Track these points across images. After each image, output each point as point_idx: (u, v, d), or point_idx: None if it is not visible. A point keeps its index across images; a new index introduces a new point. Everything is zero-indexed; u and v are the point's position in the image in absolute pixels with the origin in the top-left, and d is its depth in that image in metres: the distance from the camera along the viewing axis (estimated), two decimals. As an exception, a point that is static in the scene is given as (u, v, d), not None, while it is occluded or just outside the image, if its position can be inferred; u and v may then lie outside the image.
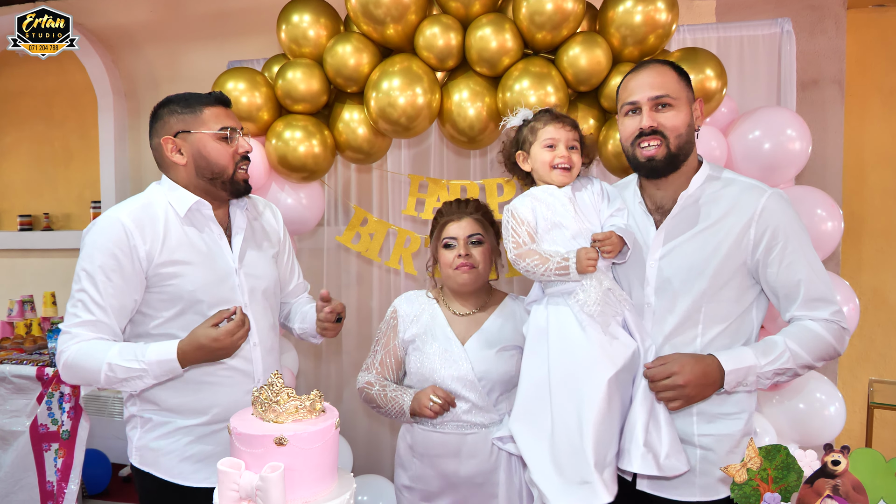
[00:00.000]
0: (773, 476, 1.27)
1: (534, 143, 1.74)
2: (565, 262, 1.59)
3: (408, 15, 2.50)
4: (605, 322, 1.59)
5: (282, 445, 1.31)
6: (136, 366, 1.66)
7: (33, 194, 4.56)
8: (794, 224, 1.59)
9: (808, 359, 1.57)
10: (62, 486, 2.94)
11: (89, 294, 1.70)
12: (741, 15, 3.11)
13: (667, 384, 1.54)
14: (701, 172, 1.66)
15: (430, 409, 1.89)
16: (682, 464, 1.56)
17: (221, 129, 1.78)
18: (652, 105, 1.62)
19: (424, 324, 2.02)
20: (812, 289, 1.57)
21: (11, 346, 3.44)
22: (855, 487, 1.24)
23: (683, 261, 1.63)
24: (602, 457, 1.53)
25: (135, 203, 1.79)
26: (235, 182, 1.81)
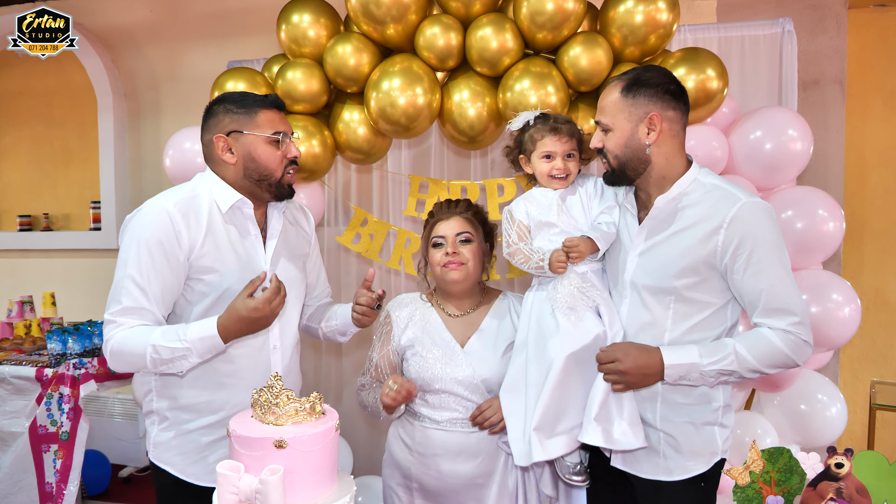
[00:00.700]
0: (776, 479, 1.27)
1: (533, 151, 1.88)
2: (541, 262, 1.78)
3: (408, 15, 2.49)
4: (573, 312, 1.75)
5: (281, 448, 1.30)
6: (179, 345, 1.65)
7: (33, 194, 4.55)
8: (766, 234, 1.62)
9: (755, 364, 1.62)
10: (61, 487, 2.94)
11: (134, 281, 1.70)
12: (742, 15, 3.11)
13: (609, 368, 1.68)
14: (686, 177, 1.70)
15: (386, 395, 1.86)
16: (638, 440, 1.68)
17: (274, 133, 1.77)
18: (599, 127, 1.75)
19: (420, 328, 2.01)
20: (774, 298, 1.61)
21: (11, 347, 3.44)
22: (858, 490, 1.23)
23: (658, 259, 1.71)
24: (548, 423, 1.71)
25: (180, 193, 1.79)
26: (281, 186, 1.81)
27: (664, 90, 1.67)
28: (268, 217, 1.88)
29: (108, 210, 4.15)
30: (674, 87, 1.69)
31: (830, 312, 2.45)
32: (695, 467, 1.69)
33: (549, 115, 1.91)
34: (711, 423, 1.71)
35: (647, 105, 1.67)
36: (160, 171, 3.96)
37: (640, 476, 1.75)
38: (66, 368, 2.99)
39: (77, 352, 3.08)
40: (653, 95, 1.67)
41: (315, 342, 3.38)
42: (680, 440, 1.71)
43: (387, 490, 2.08)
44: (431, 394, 1.94)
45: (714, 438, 1.71)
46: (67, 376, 2.97)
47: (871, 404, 3.20)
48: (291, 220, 1.97)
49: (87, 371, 3.02)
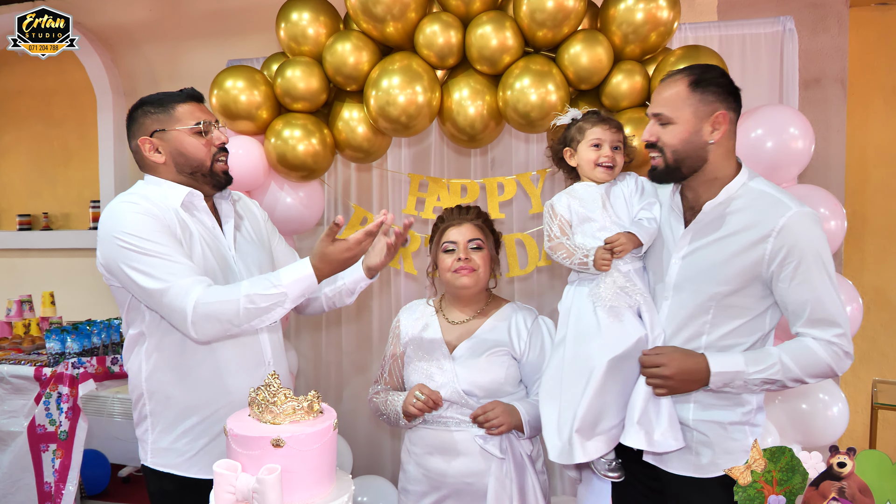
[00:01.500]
0: (778, 478, 1.26)
1: (581, 141, 1.89)
2: (585, 258, 1.77)
3: (408, 13, 2.48)
4: (614, 312, 1.74)
5: (279, 447, 1.29)
6: (274, 291, 1.64)
7: (32, 194, 4.55)
8: (814, 245, 1.61)
9: (799, 374, 1.63)
10: (60, 486, 2.93)
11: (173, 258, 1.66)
12: (743, 13, 3.09)
13: (654, 372, 1.68)
14: (735, 182, 1.70)
15: (413, 405, 1.94)
16: (677, 442, 1.69)
17: (196, 123, 1.79)
18: (655, 119, 1.72)
19: (419, 333, 2.07)
20: (818, 309, 1.61)
21: (9, 346, 3.43)
22: (861, 490, 1.22)
23: (701, 263, 1.71)
24: (589, 425, 1.72)
25: (134, 195, 1.77)
26: (215, 174, 1.83)
27: (728, 90, 1.69)
28: (216, 207, 1.91)
29: (108, 209, 4.14)
30: (734, 88, 1.71)
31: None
32: (725, 464, 1.68)
33: (597, 110, 1.96)
34: (742, 423, 1.72)
35: (716, 103, 1.67)
36: (160, 170, 3.94)
37: (670, 471, 1.76)
38: (64, 368, 2.98)
39: (76, 351, 3.07)
40: (720, 94, 1.68)
41: (315, 342, 3.37)
42: (712, 438, 1.71)
43: (399, 489, 2.13)
44: None
45: (746, 437, 1.72)
46: (66, 376, 2.96)
47: (873, 403, 3.19)
48: (242, 209, 1.99)
49: (85, 370, 3.01)
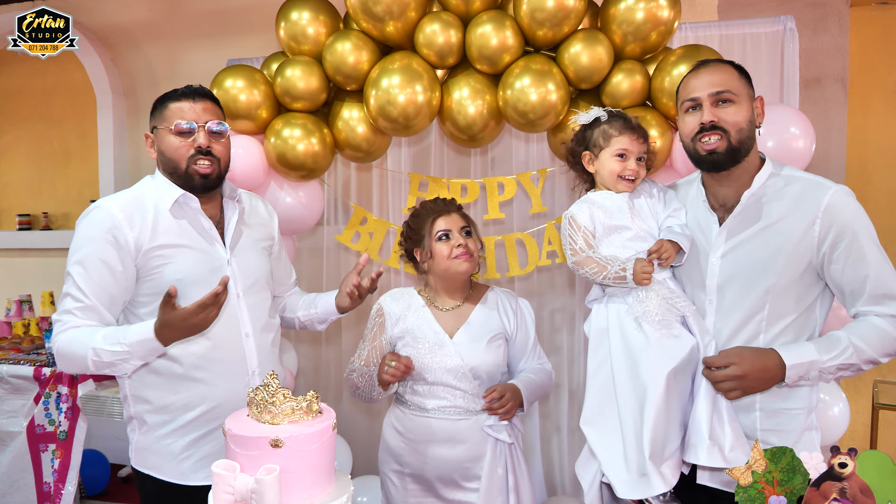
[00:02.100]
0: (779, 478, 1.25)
1: (605, 148, 1.76)
2: (622, 272, 1.65)
3: (408, 12, 2.48)
4: (664, 325, 1.63)
5: (277, 447, 1.29)
6: (119, 349, 1.64)
7: (32, 193, 4.54)
8: (859, 220, 1.59)
9: (872, 354, 1.58)
10: (59, 486, 2.92)
11: (77, 281, 1.72)
12: (744, 12, 3.09)
13: (726, 374, 1.58)
14: (764, 171, 1.67)
15: (386, 373, 1.96)
16: (746, 455, 1.58)
17: (176, 123, 1.77)
18: (713, 101, 1.64)
19: (412, 321, 2.09)
20: (878, 285, 1.57)
21: (9, 346, 3.43)
22: (862, 490, 1.22)
23: (746, 258, 1.64)
24: (659, 449, 1.58)
25: (125, 194, 1.83)
26: (190, 176, 1.79)
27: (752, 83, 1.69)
28: (223, 209, 1.90)
29: (108, 209, 4.14)
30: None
31: (833, 311, 2.44)
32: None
33: (624, 113, 1.83)
34: (809, 429, 1.66)
35: (753, 89, 1.68)
36: (159, 169, 3.95)
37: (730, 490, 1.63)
38: (64, 368, 2.97)
39: (75, 351, 3.07)
40: (751, 83, 1.68)
41: (316, 341, 3.37)
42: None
43: (382, 477, 2.16)
44: (422, 383, 2.03)
45: (814, 444, 1.66)
46: (65, 376, 2.96)
47: (874, 404, 3.18)
48: (249, 209, 1.98)
49: (85, 370, 3.00)
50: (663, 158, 2.43)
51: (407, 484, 2.07)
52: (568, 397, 3.05)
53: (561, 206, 2.92)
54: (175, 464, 1.81)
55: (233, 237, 1.89)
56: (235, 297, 1.85)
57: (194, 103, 1.79)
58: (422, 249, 2.09)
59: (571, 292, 3.05)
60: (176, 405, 1.80)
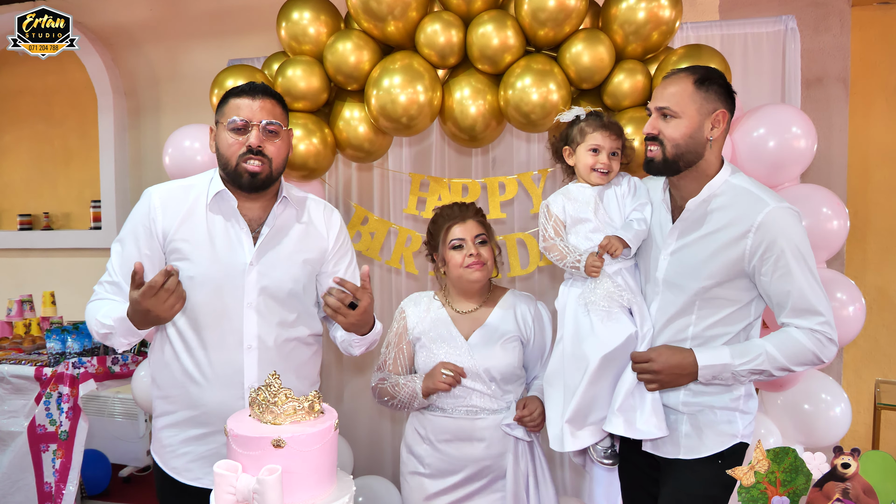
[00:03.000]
0: (782, 479, 1.25)
1: (580, 143, 1.93)
2: (577, 262, 1.85)
3: (409, 12, 2.48)
4: (606, 314, 1.82)
5: (279, 447, 1.28)
6: (108, 322, 1.72)
7: (33, 193, 4.55)
8: (792, 238, 1.68)
9: (784, 363, 1.70)
10: (60, 487, 2.92)
11: (112, 258, 1.83)
12: (745, 12, 3.09)
13: (643, 367, 1.77)
14: (717, 178, 1.76)
15: (443, 381, 2.01)
16: (660, 430, 1.77)
17: (231, 120, 1.75)
18: (658, 113, 1.76)
19: (430, 323, 2.13)
20: (801, 300, 1.68)
21: (10, 346, 3.43)
22: (865, 491, 1.22)
23: (688, 259, 1.78)
24: (580, 417, 1.83)
25: (178, 182, 1.89)
26: (238, 174, 1.76)
27: (728, 92, 1.75)
28: (270, 213, 1.84)
29: (109, 209, 4.14)
30: (732, 90, 1.77)
31: (835, 311, 2.42)
32: (713, 446, 1.77)
33: (600, 112, 1.99)
34: (732, 409, 1.79)
35: (717, 101, 1.73)
36: (160, 169, 3.93)
37: (664, 457, 1.84)
38: (65, 368, 2.98)
39: (76, 351, 3.07)
40: (722, 94, 1.74)
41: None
42: (701, 421, 1.79)
43: (402, 479, 2.19)
44: None
45: (735, 421, 1.79)
46: (66, 375, 2.96)
47: (876, 404, 3.18)
48: (304, 217, 1.89)
49: (86, 370, 3.01)
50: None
51: (426, 486, 2.10)
52: (569, 397, 3.05)
53: (562, 206, 2.92)
54: (171, 457, 1.84)
55: (263, 243, 1.81)
56: (245, 306, 1.78)
57: (252, 101, 1.76)
58: (438, 255, 2.14)
59: (572, 292, 3.04)
60: (178, 399, 1.82)
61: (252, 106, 1.75)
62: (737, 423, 1.79)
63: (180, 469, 1.83)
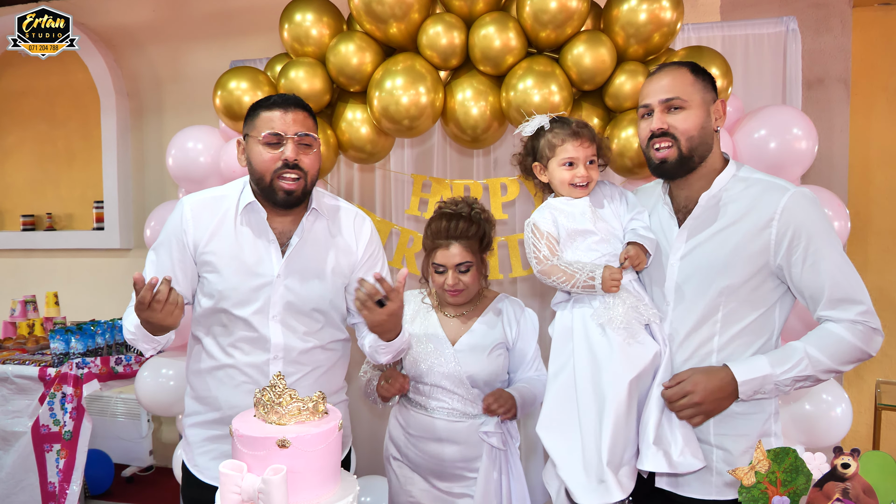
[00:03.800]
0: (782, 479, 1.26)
1: (552, 158, 1.72)
2: (591, 280, 1.62)
3: (411, 13, 2.49)
4: (629, 332, 1.60)
5: (284, 447, 1.29)
6: (131, 329, 1.73)
7: (36, 194, 4.56)
8: (818, 223, 1.56)
9: (830, 364, 1.54)
10: (64, 486, 2.94)
11: (147, 266, 1.83)
12: (746, 13, 3.10)
13: (684, 403, 1.56)
14: (725, 173, 1.65)
15: (383, 387, 2.09)
16: (698, 460, 1.56)
17: (265, 134, 1.69)
18: (663, 108, 1.62)
19: (418, 324, 2.14)
20: (837, 289, 1.54)
21: (14, 347, 3.44)
22: (865, 491, 1.22)
23: (703, 259, 1.63)
24: (617, 456, 1.56)
25: (211, 192, 1.85)
26: (272, 191, 1.71)
27: (716, 85, 1.68)
28: (299, 226, 1.80)
29: (111, 210, 4.15)
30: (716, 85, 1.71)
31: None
32: None
33: (566, 118, 1.77)
34: (767, 435, 1.63)
35: (713, 92, 1.65)
36: (163, 170, 3.96)
37: (689, 496, 1.64)
38: (68, 368, 2.99)
39: (80, 351, 3.08)
40: (713, 86, 1.66)
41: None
42: (735, 454, 1.61)
43: (385, 461, 2.25)
44: (422, 385, 2.09)
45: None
46: (70, 376, 2.97)
47: (877, 404, 3.19)
48: (333, 227, 1.85)
49: (89, 371, 3.02)
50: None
51: (405, 472, 2.16)
52: (571, 397, 3.06)
53: (564, 206, 2.92)
54: (196, 455, 1.87)
55: (292, 256, 1.78)
56: (270, 318, 1.77)
57: (285, 113, 1.71)
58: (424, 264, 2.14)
59: (574, 293, 3.05)
60: (207, 399, 1.85)
61: (285, 118, 1.70)
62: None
63: (202, 467, 1.86)
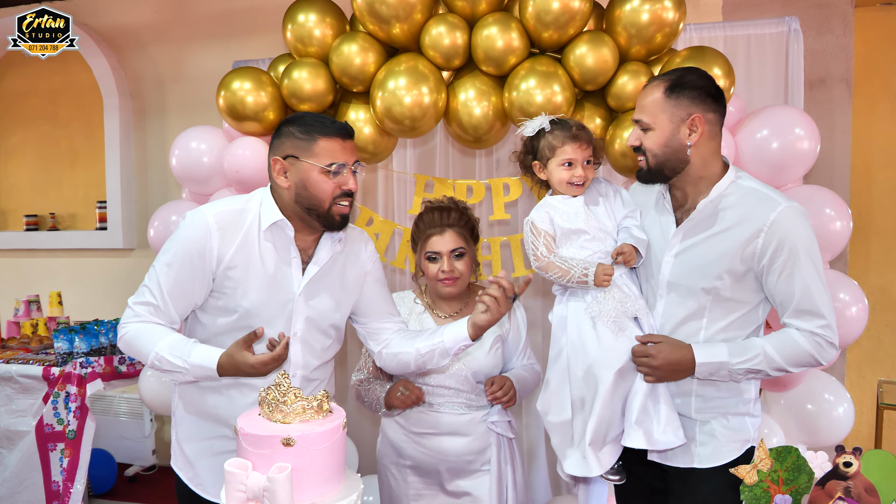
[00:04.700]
0: (784, 478, 1.27)
1: (551, 158, 1.84)
2: (584, 276, 1.75)
3: (414, 14, 2.49)
4: (617, 326, 1.75)
5: (289, 446, 1.30)
6: (179, 363, 1.69)
7: (39, 194, 4.57)
8: (802, 239, 1.67)
9: (781, 363, 1.70)
10: (68, 485, 2.95)
11: (160, 279, 1.75)
12: (748, 13, 3.10)
13: (642, 361, 1.74)
14: (724, 180, 1.75)
15: (398, 398, 2.03)
16: (678, 438, 1.73)
17: (329, 164, 1.71)
18: (637, 125, 1.77)
19: (413, 327, 2.12)
20: (804, 302, 1.68)
21: (17, 346, 3.45)
22: (867, 489, 1.23)
23: (695, 260, 1.75)
24: (600, 436, 1.75)
25: (231, 203, 1.81)
26: (330, 217, 1.75)
27: (706, 93, 1.72)
28: (319, 244, 1.83)
29: (114, 210, 4.16)
30: (714, 90, 1.74)
31: (838, 312, 2.44)
32: (728, 454, 1.75)
33: (565, 120, 1.87)
34: (743, 414, 1.78)
35: (690, 107, 1.71)
36: (166, 170, 3.97)
37: (675, 465, 1.81)
38: (72, 367, 3.00)
39: (83, 351, 3.09)
40: (695, 97, 1.71)
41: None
42: (715, 429, 1.77)
43: (382, 470, 2.21)
44: (426, 385, 2.08)
45: (746, 427, 1.78)
46: (74, 375, 2.98)
47: (879, 404, 3.20)
48: (350, 251, 1.90)
49: (93, 370, 3.03)
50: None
51: (407, 476, 2.12)
52: (573, 397, 3.06)
53: (566, 206, 2.93)
54: (199, 473, 1.84)
55: (314, 276, 1.82)
56: (291, 335, 1.80)
57: (345, 143, 1.75)
58: (416, 258, 2.15)
59: (576, 293, 3.06)
60: (215, 417, 1.82)
61: (346, 148, 1.75)
62: (748, 428, 1.78)
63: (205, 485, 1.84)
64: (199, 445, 1.85)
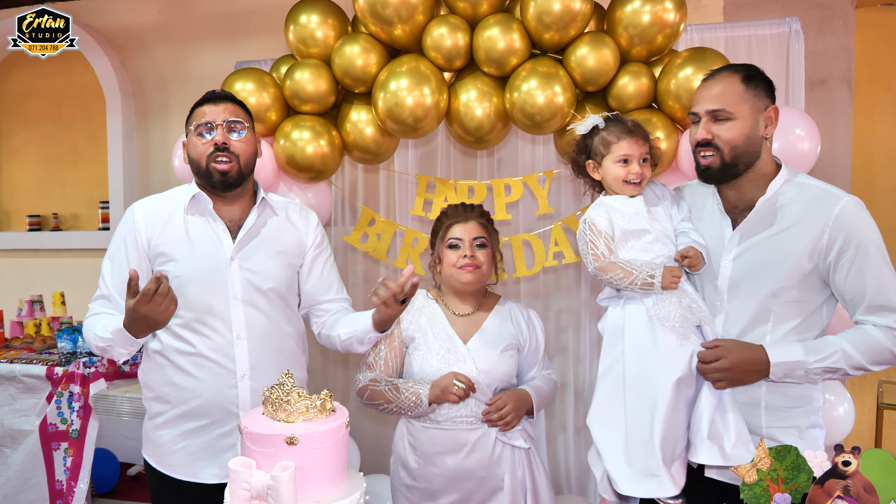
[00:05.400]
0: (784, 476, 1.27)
1: (606, 155, 1.77)
2: (651, 279, 1.66)
3: (415, 15, 2.50)
4: (681, 332, 1.66)
5: (293, 445, 1.31)
6: (106, 336, 1.79)
7: (42, 194, 4.58)
8: (867, 232, 1.63)
9: (861, 361, 1.62)
10: (71, 485, 2.95)
11: (104, 274, 1.92)
12: (749, 14, 3.10)
13: (714, 367, 1.63)
14: (779, 178, 1.70)
15: (454, 393, 1.94)
16: (749, 453, 1.61)
17: (198, 125, 1.86)
18: (709, 117, 1.67)
19: (425, 323, 2.07)
20: (878, 296, 1.62)
21: (21, 346, 3.46)
22: (866, 488, 1.24)
23: (757, 261, 1.68)
24: (670, 452, 1.63)
25: (160, 195, 1.99)
26: (209, 174, 1.85)
27: (771, 88, 1.69)
28: (251, 213, 1.94)
29: (117, 210, 4.17)
30: (773, 85, 1.70)
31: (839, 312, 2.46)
32: None
33: (620, 117, 1.83)
34: (814, 426, 1.71)
35: (766, 98, 1.68)
36: (168, 171, 3.98)
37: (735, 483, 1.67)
38: (76, 367, 3.01)
39: (87, 350, 3.10)
40: (767, 89, 1.68)
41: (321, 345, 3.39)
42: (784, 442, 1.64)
43: (394, 489, 2.13)
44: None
45: (817, 441, 1.71)
46: (77, 375, 2.99)
47: (879, 404, 3.20)
48: (282, 217, 2.00)
49: (96, 370, 3.04)
50: (669, 160, 2.45)
51: (420, 500, 2.04)
52: (573, 397, 3.07)
53: (567, 207, 2.94)
54: (166, 455, 1.90)
55: (243, 239, 1.91)
56: (231, 298, 1.88)
57: (215, 105, 1.88)
58: (436, 252, 2.12)
59: (577, 293, 3.07)
60: (170, 396, 1.89)
61: (215, 109, 1.88)
62: (818, 441, 1.70)
63: (176, 465, 1.89)
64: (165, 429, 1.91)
